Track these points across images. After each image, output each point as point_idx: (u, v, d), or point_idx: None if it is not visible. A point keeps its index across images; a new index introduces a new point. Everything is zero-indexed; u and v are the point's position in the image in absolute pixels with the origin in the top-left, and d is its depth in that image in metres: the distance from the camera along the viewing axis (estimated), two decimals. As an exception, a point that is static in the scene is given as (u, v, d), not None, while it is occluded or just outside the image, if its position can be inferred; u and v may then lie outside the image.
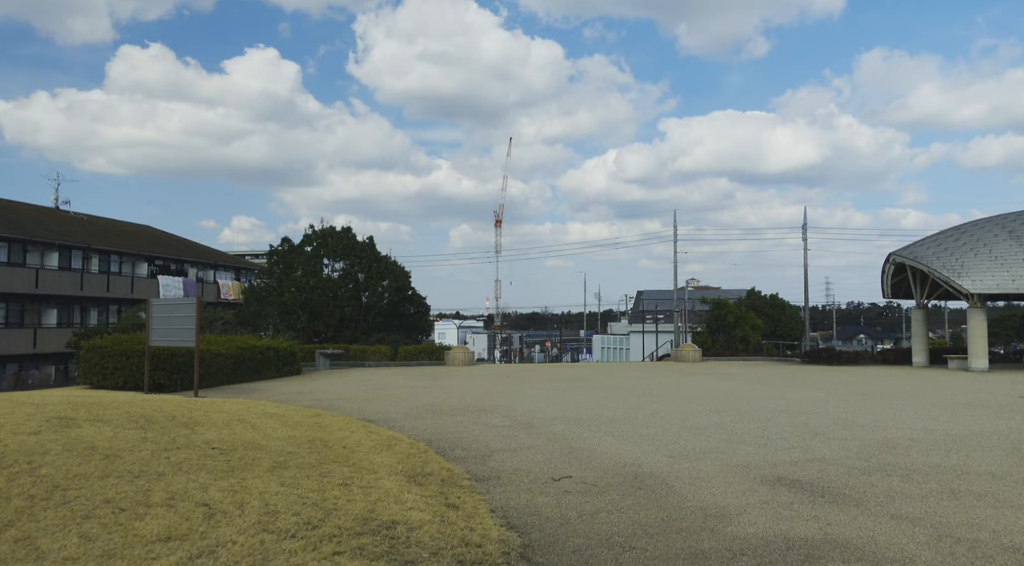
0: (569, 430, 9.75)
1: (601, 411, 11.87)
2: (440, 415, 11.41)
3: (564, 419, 10.88)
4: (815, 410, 12.07)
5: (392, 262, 33.23)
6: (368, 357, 25.36)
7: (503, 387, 16.65)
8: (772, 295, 54.25)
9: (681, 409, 12.16)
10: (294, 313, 30.45)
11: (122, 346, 15.85)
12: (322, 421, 9.93)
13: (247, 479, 5.87)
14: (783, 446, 8.49)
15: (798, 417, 11.15)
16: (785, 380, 19.07)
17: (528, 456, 7.85)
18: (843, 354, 26.21)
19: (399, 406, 12.65)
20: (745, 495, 6.11)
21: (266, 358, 19.86)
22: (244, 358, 18.79)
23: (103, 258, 38.42)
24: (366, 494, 5.67)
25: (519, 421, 10.66)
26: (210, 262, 47.12)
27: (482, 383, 17.77)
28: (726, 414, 11.49)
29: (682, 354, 28.33)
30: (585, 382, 18.09)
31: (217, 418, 9.54)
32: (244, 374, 18.69)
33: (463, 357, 24.76)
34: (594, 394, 14.82)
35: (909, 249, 23.43)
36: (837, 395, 14.72)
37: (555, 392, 15.30)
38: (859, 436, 9.24)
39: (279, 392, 15.47)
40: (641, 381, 18.44)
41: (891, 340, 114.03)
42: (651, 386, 16.89)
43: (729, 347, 40.25)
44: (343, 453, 7.38)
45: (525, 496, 6.05)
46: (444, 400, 13.64)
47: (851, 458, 7.75)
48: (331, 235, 32.51)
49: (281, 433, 8.47)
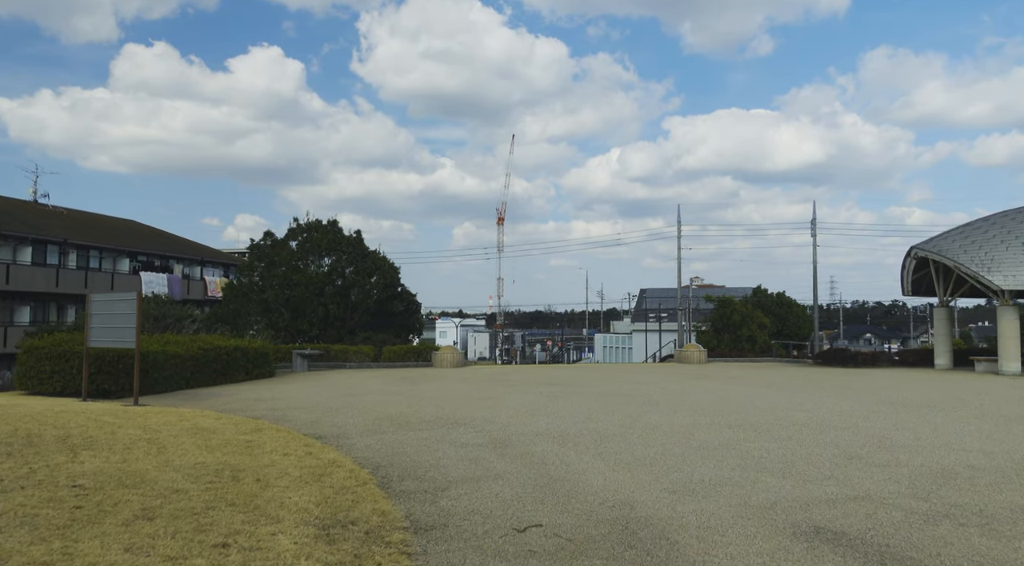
0: (551, 451, 8.09)
1: (592, 424, 10.21)
2: (405, 429, 9.76)
3: (547, 435, 9.23)
4: (842, 424, 10.38)
5: (381, 257, 31.59)
6: (350, 358, 23.73)
7: (487, 393, 15.00)
8: (779, 293, 52.46)
9: (685, 422, 10.48)
10: (276, 311, 28.82)
11: (61, 348, 14.24)
12: (256, 440, 8.29)
13: (82, 540, 4.22)
14: (814, 476, 6.82)
15: (824, 433, 9.47)
16: (800, 385, 17.38)
17: (493, 490, 6.20)
18: (859, 355, 24.47)
19: (362, 417, 11.00)
20: (776, 559, 4.45)
21: (233, 360, 18.24)
22: (207, 360, 17.17)
23: (81, 253, 36.84)
24: (243, 564, 4.02)
25: (494, 438, 9.00)
26: (197, 258, 45.51)
27: (466, 388, 16.12)
28: (739, 429, 9.81)
29: (686, 355, 26.61)
30: (579, 387, 16.42)
31: (124, 437, 7.91)
32: (207, 377, 17.07)
33: (451, 358, 23.11)
34: (587, 402, 13.16)
35: (933, 242, 21.66)
36: (863, 404, 13.02)
37: (544, 399, 13.64)
38: (905, 461, 7.55)
39: (237, 398, 13.85)
40: (641, 386, 16.77)
41: (898, 339, 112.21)
42: (652, 392, 15.21)
43: (735, 347, 38.53)
44: (250, 490, 5.73)
45: (473, 561, 4.40)
46: (416, 409, 12.00)
47: (903, 495, 6.07)
48: (316, 229, 30.88)
49: (190, 459, 6.83)
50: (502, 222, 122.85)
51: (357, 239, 31.21)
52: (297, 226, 31.21)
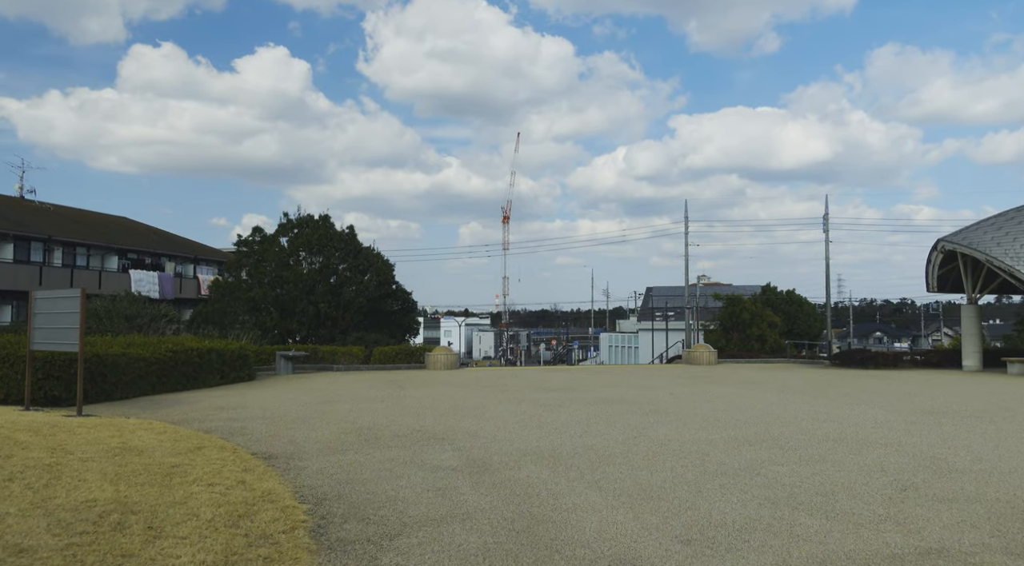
0: (538, 477, 6.69)
1: (590, 440, 8.81)
2: (372, 446, 8.39)
3: (537, 455, 7.83)
4: (881, 439, 8.95)
5: (375, 254, 30.23)
6: (338, 359, 22.38)
7: (478, 400, 13.61)
8: (788, 291, 50.94)
9: (698, 438, 9.07)
10: (264, 310, 27.50)
11: (6, 350, 12.92)
12: (186, 464, 6.92)
13: None
14: (865, 515, 5.41)
15: (863, 452, 8.03)
16: (821, 389, 15.93)
17: (456, 539, 4.81)
18: (879, 356, 22.95)
19: (329, 430, 9.64)
20: None
21: (206, 362, 16.89)
22: (176, 363, 15.83)
23: (67, 250, 35.61)
24: None
25: (473, 459, 7.62)
26: (190, 256, 44.24)
27: (455, 394, 14.73)
28: (761, 446, 8.39)
29: (695, 356, 25.14)
30: (580, 392, 15.01)
31: (19, 461, 6.55)
32: (176, 382, 15.75)
33: (445, 360, 21.73)
34: (586, 411, 11.75)
35: (962, 234, 20.12)
36: (898, 413, 11.57)
37: (539, 408, 12.24)
38: (975, 494, 6.12)
39: (201, 406, 12.52)
40: (647, 392, 15.34)
41: (908, 338, 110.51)
42: (659, 398, 13.79)
43: (744, 346, 37.06)
44: (129, 546, 4.35)
45: None
46: (393, 420, 10.62)
47: (992, 549, 4.65)
48: (308, 224, 29.53)
49: (79, 496, 5.46)
50: (507, 220, 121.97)
51: (350, 235, 29.86)
52: (287, 221, 29.88)
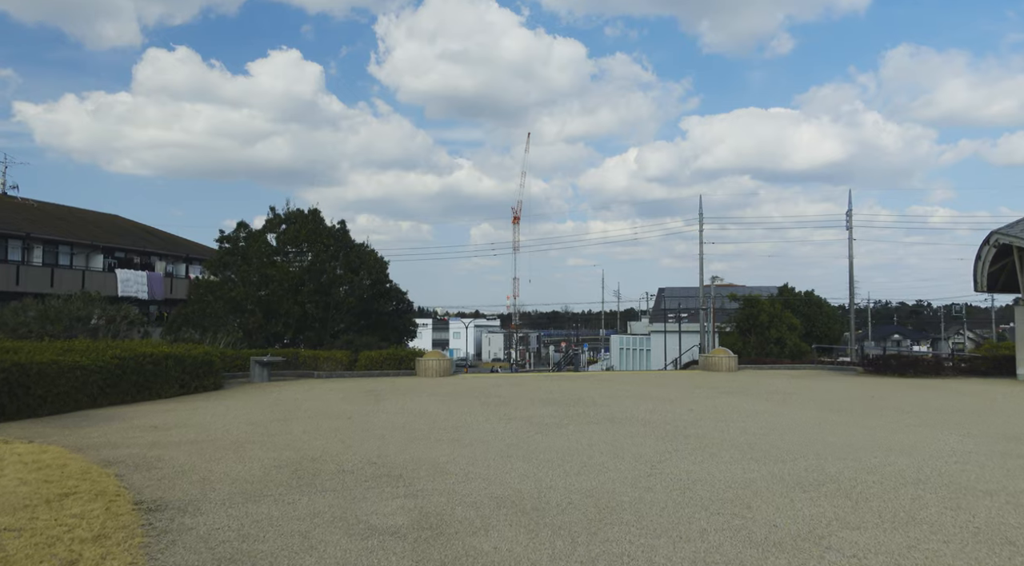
0: (509, 552, 4.60)
1: (590, 480, 6.70)
2: (301, 489, 6.34)
3: (515, 506, 5.74)
4: (978, 484, 6.77)
5: (368, 251, 28.23)
6: (321, 365, 20.36)
7: (462, 416, 11.52)
8: (807, 292, 48.73)
9: (733, 478, 6.93)
10: (248, 311, 25.54)
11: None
12: (17, 526, 4.89)
13: None
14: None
15: (963, 506, 5.87)
16: (869, 405, 13.71)
17: None
18: (919, 362, 20.62)
19: (260, 462, 7.60)
20: None
21: (162, 370, 14.91)
22: (124, 371, 13.87)
23: (48, 248, 33.85)
24: None
25: (426, 514, 5.54)
26: (182, 254, 42.42)
27: (437, 408, 12.65)
28: (819, 494, 6.25)
29: (713, 361, 22.89)
30: (584, 407, 12.88)
31: None
32: (124, 393, 13.79)
33: (437, 365, 19.65)
34: (589, 434, 9.63)
35: (1020, 226, 17.84)
36: (978, 440, 9.35)
37: (532, 429, 10.14)
38: None
39: (132, 425, 10.54)
40: (664, 406, 13.19)
41: (926, 340, 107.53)
42: (677, 416, 11.64)
43: (762, 350, 34.79)
44: None
45: None
46: (348, 447, 8.58)
47: None
48: (297, 219, 27.56)
49: None
50: (518, 221, 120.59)
51: (341, 230, 27.88)
52: (274, 216, 27.92)
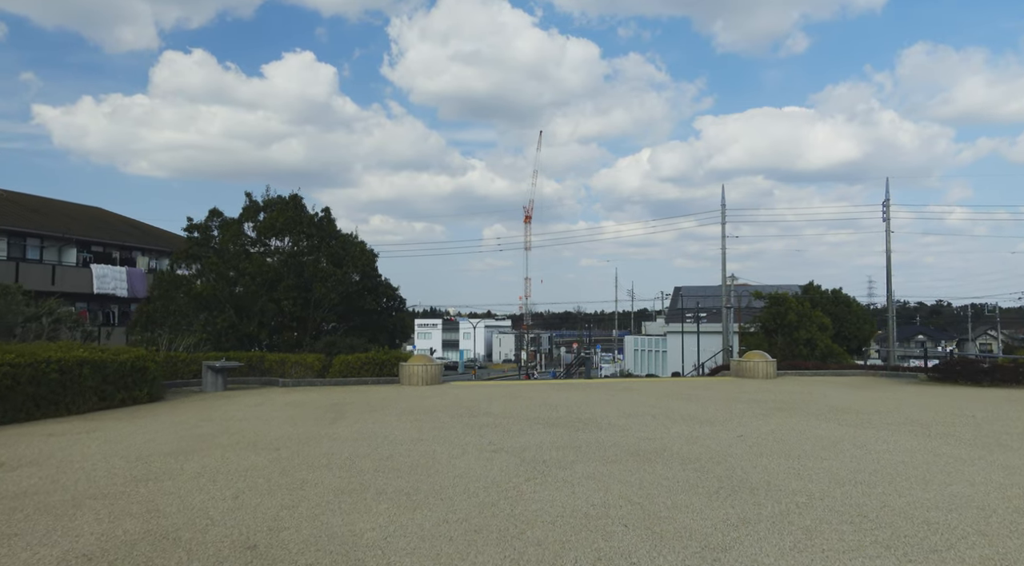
0: None
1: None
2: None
3: None
4: None
5: (356, 241, 25.32)
6: (288, 371, 17.44)
7: (429, 449, 8.50)
8: (835, 290, 45.85)
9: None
10: (218, 309, 22.66)
11: None
12: None
13: None
14: None
15: None
16: (973, 427, 10.55)
17: None
18: (996, 369, 17.44)
19: (80, 537, 4.65)
20: None
21: (73, 380, 12.04)
22: (16, 382, 11.02)
23: (14, 241, 31.23)
24: None
25: None
26: (167, 249, 39.70)
27: (404, 433, 9.65)
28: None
29: (747, 366, 19.69)
30: (596, 432, 9.81)
31: None
32: (17, 410, 10.97)
33: (423, 372, 16.65)
34: (603, 484, 6.58)
35: None
36: None
37: (524, 469, 7.12)
38: None
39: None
40: (702, 430, 10.11)
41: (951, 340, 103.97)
42: (727, 450, 8.56)
43: (790, 352, 31.63)
44: None
45: None
46: (240, 505, 5.59)
47: None
48: (276, 205, 24.66)
49: None
50: (529, 220, 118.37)
51: (324, 218, 24.97)
52: (252, 204, 25.04)
